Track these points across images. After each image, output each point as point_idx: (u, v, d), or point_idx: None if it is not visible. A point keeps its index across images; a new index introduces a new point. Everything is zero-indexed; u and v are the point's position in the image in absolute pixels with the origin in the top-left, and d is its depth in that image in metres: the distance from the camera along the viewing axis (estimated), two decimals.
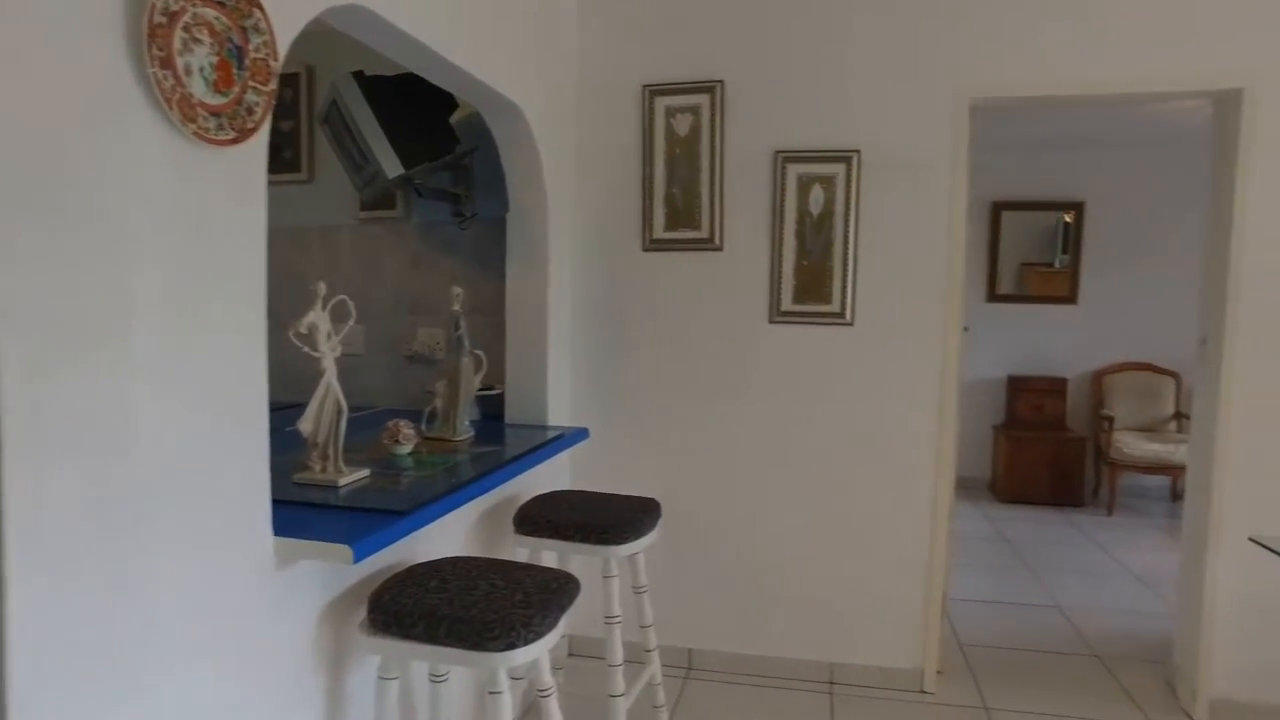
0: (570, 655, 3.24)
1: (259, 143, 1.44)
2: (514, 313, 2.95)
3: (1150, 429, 5.93)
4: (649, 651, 2.58)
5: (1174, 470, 5.54)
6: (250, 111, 1.39)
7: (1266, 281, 2.77)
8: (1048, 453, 5.84)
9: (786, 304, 2.93)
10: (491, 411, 3.00)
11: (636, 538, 2.25)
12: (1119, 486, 5.70)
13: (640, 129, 3.04)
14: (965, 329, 3.11)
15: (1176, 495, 5.99)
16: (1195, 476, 2.99)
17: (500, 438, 2.75)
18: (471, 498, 2.04)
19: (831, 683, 3.05)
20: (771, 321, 2.98)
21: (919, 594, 3.00)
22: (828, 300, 2.90)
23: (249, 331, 1.45)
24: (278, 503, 1.55)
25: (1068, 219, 6.13)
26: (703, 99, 2.95)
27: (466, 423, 2.55)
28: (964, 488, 6.15)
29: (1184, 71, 2.77)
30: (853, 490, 3.01)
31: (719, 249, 2.99)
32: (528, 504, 2.40)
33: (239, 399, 1.43)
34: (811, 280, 2.91)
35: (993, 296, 6.24)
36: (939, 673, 3.05)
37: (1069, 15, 2.79)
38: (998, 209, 6.17)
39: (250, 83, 1.38)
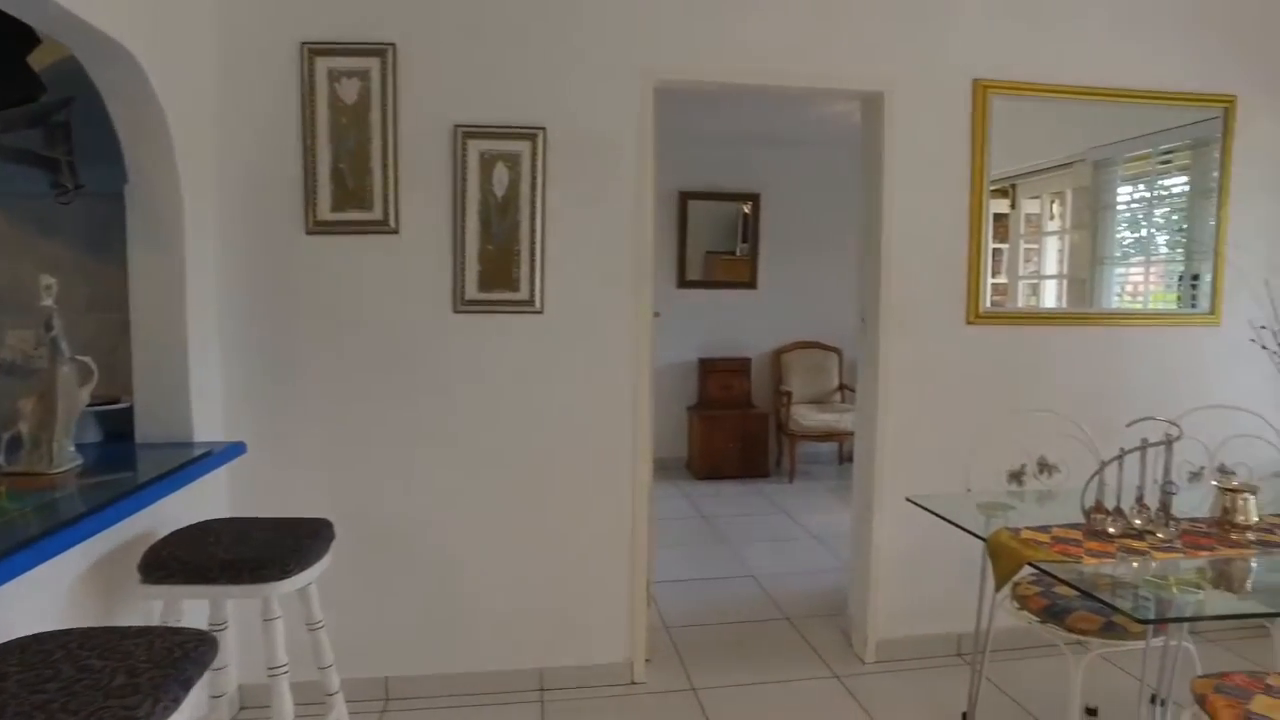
0: (244, 709, 2.76)
1: None
2: (141, 308, 2.41)
3: (821, 401, 6.58)
4: (331, 695, 2.23)
5: (841, 436, 6.19)
6: None
7: (911, 266, 3.08)
8: (736, 429, 6.25)
9: (472, 292, 2.71)
10: (118, 430, 2.43)
11: (302, 568, 1.90)
12: (798, 455, 6.26)
13: (300, 93, 2.62)
14: (656, 314, 3.10)
15: (844, 459, 6.73)
16: (862, 443, 3.26)
17: (127, 462, 2.23)
18: (67, 546, 1.57)
19: (542, 689, 2.90)
20: (457, 311, 2.73)
21: (624, 584, 2.96)
22: (516, 288, 2.72)
23: None
24: None
25: (746, 210, 6.59)
26: (372, 63, 2.61)
27: (70, 449, 2.01)
28: (663, 468, 6.39)
29: (838, 72, 2.98)
30: (552, 485, 2.88)
31: (395, 232, 2.68)
32: (159, 543, 1.94)
33: None
34: (498, 266, 2.71)
35: (683, 282, 6.53)
36: (648, 661, 3.04)
37: (744, 10, 2.87)
38: (685, 198, 6.46)
39: None
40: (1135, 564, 1.85)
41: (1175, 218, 3.73)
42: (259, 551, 1.84)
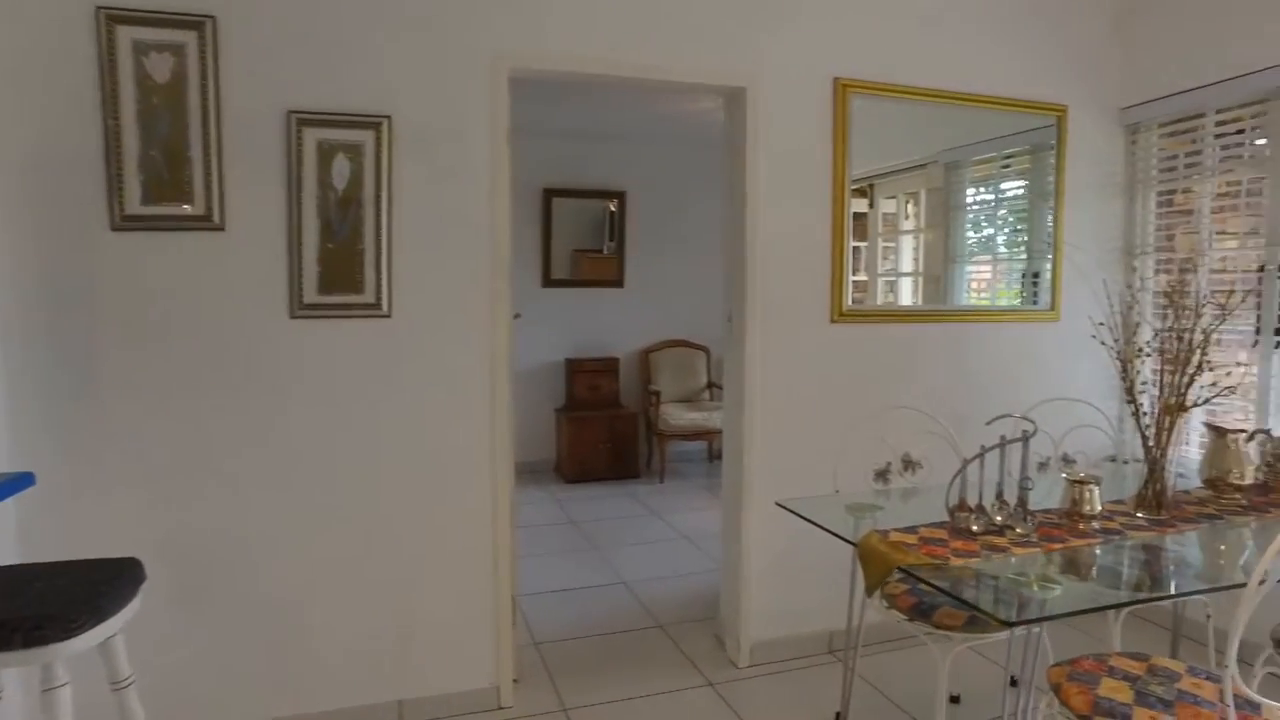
0: None
1: None
2: None
3: (690, 399, 6.59)
4: None
5: (710, 434, 6.21)
6: None
7: (776, 265, 3.06)
8: (605, 430, 6.15)
9: (311, 296, 2.45)
10: None
11: (98, 620, 1.62)
12: (668, 454, 6.23)
13: (98, 67, 2.28)
14: (517, 316, 2.94)
15: (713, 456, 6.77)
16: (730, 443, 3.22)
17: None
18: None
19: None
20: (294, 317, 2.47)
21: (488, 602, 2.78)
22: (360, 290, 2.49)
23: None
24: None
25: (612, 207, 6.50)
26: (188, 37, 2.31)
27: None
28: (531, 472, 6.22)
29: (700, 66, 2.91)
30: (404, 501, 2.66)
31: (220, 229, 2.39)
32: None
33: None
34: (341, 267, 2.47)
35: (548, 281, 6.37)
36: (516, 682, 2.88)
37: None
38: (549, 195, 6.29)
39: None
40: (998, 561, 1.87)
41: (1011, 219, 3.92)
42: (37, 607, 1.54)
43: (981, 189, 3.94)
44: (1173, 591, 1.89)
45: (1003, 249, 3.96)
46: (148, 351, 2.37)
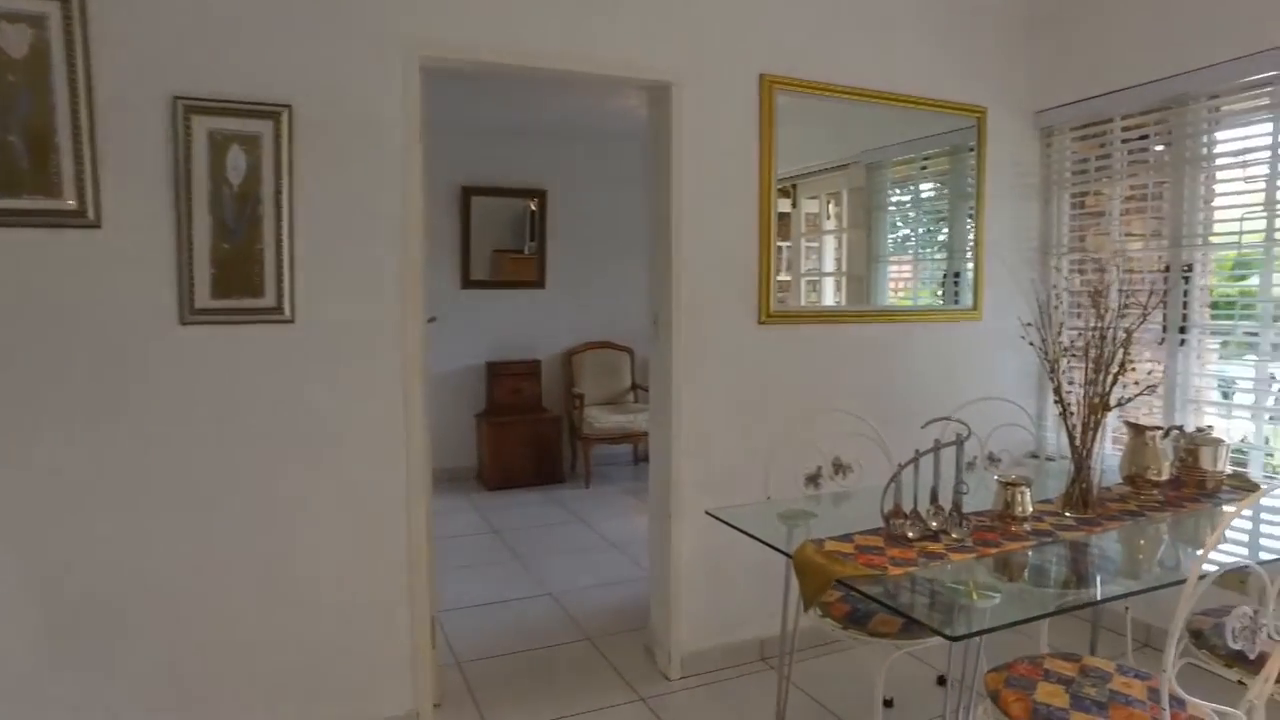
0: None
1: None
2: None
3: (614, 402, 6.48)
4: None
5: (636, 437, 6.12)
6: None
7: (702, 265, 2.98)
8: (528, 435, 5.99)
9: (204, 300, 2.24)
10: None
11: None
12: (593, 458, 6.11)
13: None
14: (433, 319, 2.78)
15: (638, 459, 6.69)
16: (657, 448, 3.13)
17: None
18: None
19: None
20: (185, 323, 2.25)
21: (405, 622, 2.62)
22: (260, 293, 2.29)
23: None
24: None
25: (533, 207, 6.34)
26: (50, 7, 2.07)
27: None
28: (452, 480, 6.01)
29: (624, 59, 2.81)
30: (312, 517, 2.47)
31: (95, 225, 2.15)
32: None
33: None
34: (237, 269, 2.26)
35: (467, 283, 6.17)
36: (437, 707, 2.72)
37: None
38: (468, 194, 6.09)
39: None
40: (936, 569, 1.82)
41: (930, 220, 3.96)
42: None
43: (902, 190, 3.97)
44: (1107, 594, 1.88)
45: (923, 249, 4.00)
46: (9, 365, 2.12)
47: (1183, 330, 3.21)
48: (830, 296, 4.04)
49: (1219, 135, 3.12)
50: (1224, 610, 2.24)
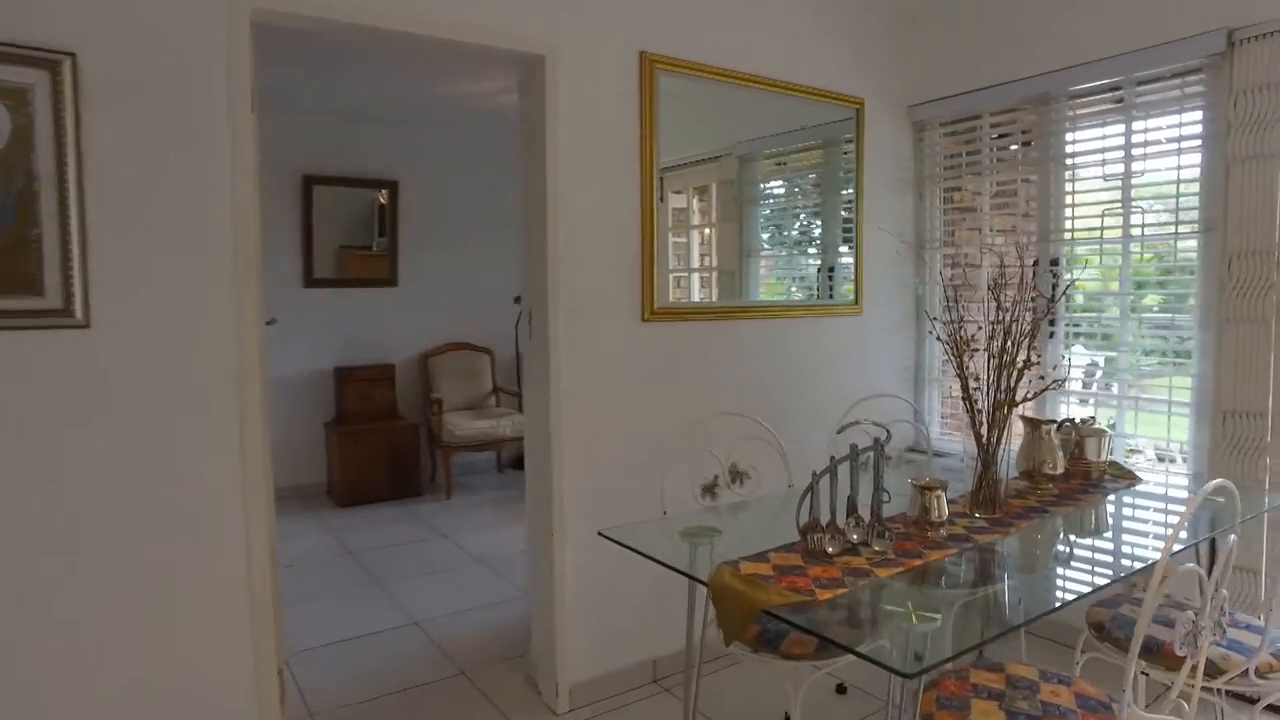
0: None
1: None
2: None
3: (475, 406, 6.11)
4: None
5: (500, 444, 5.78)
6: None
7: (580, 257, 2.72)
8: (383, 445, 5.52)
9: None
10: None
11: None
12: (454, 467, 5.71)
13: None
14: (272, 321, 2.38)
15: (502, 466, 6.34)
16: (535, 459, 2.85)
17: None
18: None
19: None
20: None
21: (246, 673, 2.21)
22: (39, 291, 1.82)
23: None
24: None
25: (383, 199, 5.85)
26: None
27: None
28: (299, 498, 5.46)
29: (493, 27, 2.51)
30: (126, 558, 2.02)
31: None
32: None
33: None
34: (4, 262, 1.80)
35: (311, 281, 5.60)
36: None
37: None
38: (310, 183, 5.53)
39: None
40: (864, 588, 1.66)
41: (802, 213, 3.89)
42: None
43: (775, 183, 3.88)
44: (1049, 602, 1.79)
45: (797, 244, 3.93)
46: None
47: (1052, 323, 3.27)
48: (697, 293, 3.89)
49: (1079, 135, 3.20)
50: (1118, 601, 2.24)
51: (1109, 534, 2.23)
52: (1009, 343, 2.12)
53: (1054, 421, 2.43)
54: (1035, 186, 3.32)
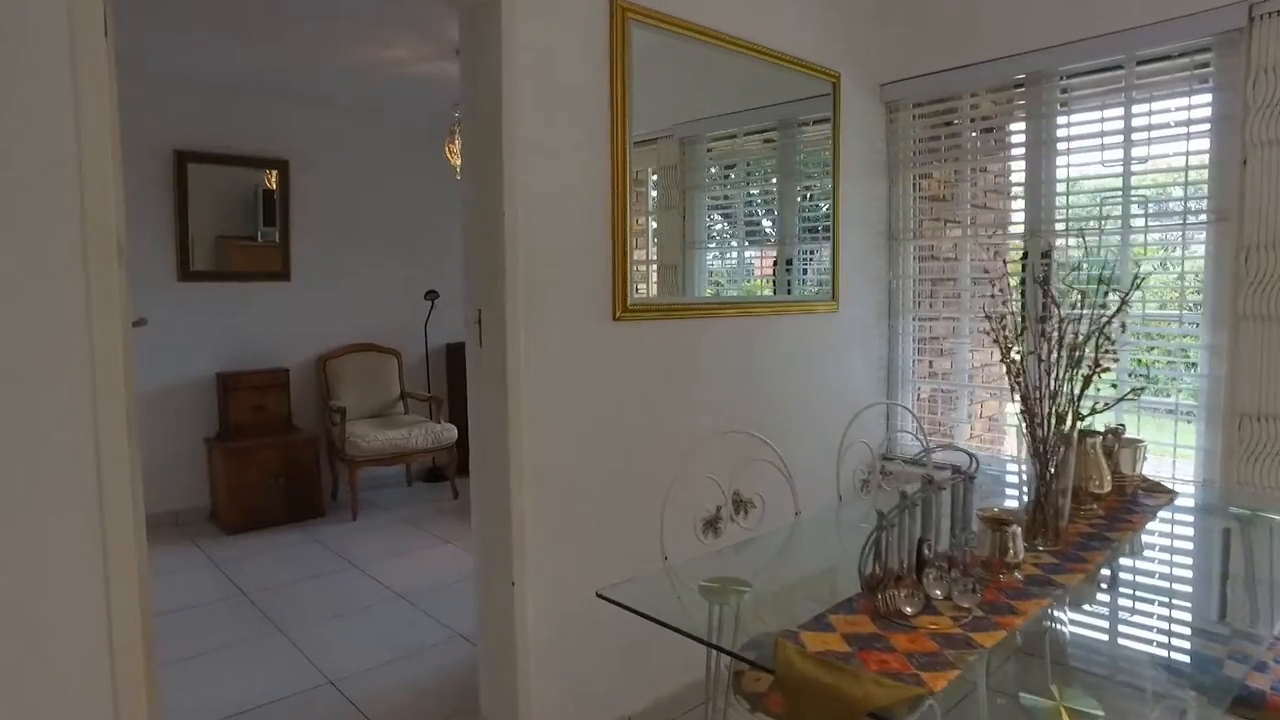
0: None
1: None
2: None
3: (381, 414, 5.48)
4: None
5: (411, 456, 5.18)
6: None
7: (540, 243, 2.26)
8: (276, 461, 4.83)
9: None
10: None
11: None
12: (359, 483, 5.07)
13: None
14: (140, 322, 1.82)
15: (411, 479, 5.74)
16: (488, 493, 2.35)
17: None
18: None
19: None
20: None
21: None
22: None
23: None
24: None
25: (270, 183, 5.14)
26: None
27: None
28: (177, 525, 4.72)
29: None
30: None
31: None
32: None
33: None
34: None
35: (187, 274, 4.85)
36: None
37: None
38: (183, 160, 4.77)
39: None
40: (975, 663, 1.29)
41: (749, 201, 3.53)
42: None
43: (722, 167, 3.50)
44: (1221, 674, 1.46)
45: (749, 234, 3.56)
46: None
47: (1043, 320, 3.02)
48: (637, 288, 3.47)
49: (1075, 117, 2.97)
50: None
51: (1194, 565, 1.95)
52: (1073, 341, 1.81)
53: (1099, 433, 2.15)
54: (1028, 172, 3.06)
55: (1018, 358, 1.91)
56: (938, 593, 1.46)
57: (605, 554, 2.32)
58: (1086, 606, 1.61)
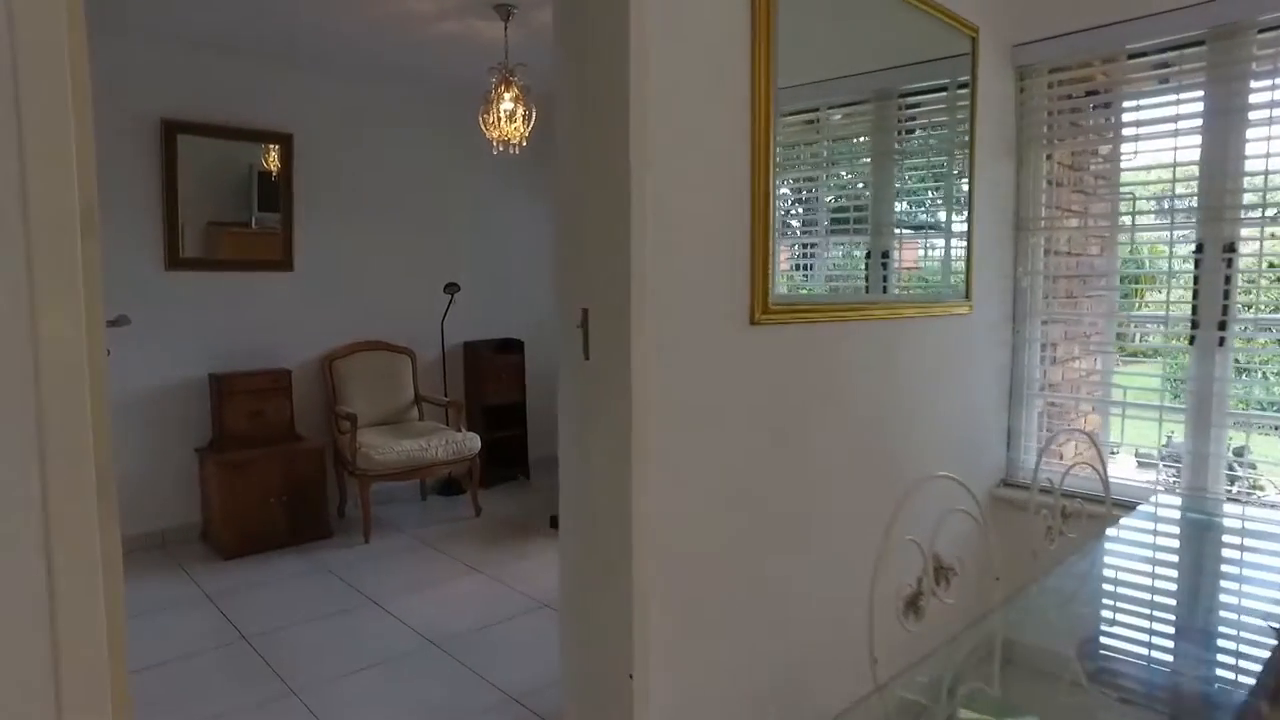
0: None
1: None
2: None
3: (393, 421, 4.92)
4: None
5: (428, 470, 4.62)
6: None
7: (666, 233, 1.72)
8: (278, 475, 4.25)
9: None
10: None
11: None
12: (371, 500, 4.50)
13: None
14: (117, 321, 1.34)
15: (426, 493, 5.18)
16: (588, 554, 1.81)
17: None
18: None
19: None
20: None
21: None
22: None
23: None
24: None
25: (271, 161, 4.55)
26: None
27: None
28: (163, 547, 4.13)
29: None
30: None
31: None
32: None
33: None
34: None
35: (176, 262, 4.25)
36: None
37: None
38: (172, 131, 4.17)
39: None
40: None
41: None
42: None
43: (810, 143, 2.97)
44: None
45: (835, 222, 3.04)
46: None
47: (1222, 327, 2.54)
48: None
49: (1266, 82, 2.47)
50: None
51: None
52: None
53: None
54: (1204, 149, 2.57)
55: None
56: None
57: (762, 641, 1.80)
58: None
